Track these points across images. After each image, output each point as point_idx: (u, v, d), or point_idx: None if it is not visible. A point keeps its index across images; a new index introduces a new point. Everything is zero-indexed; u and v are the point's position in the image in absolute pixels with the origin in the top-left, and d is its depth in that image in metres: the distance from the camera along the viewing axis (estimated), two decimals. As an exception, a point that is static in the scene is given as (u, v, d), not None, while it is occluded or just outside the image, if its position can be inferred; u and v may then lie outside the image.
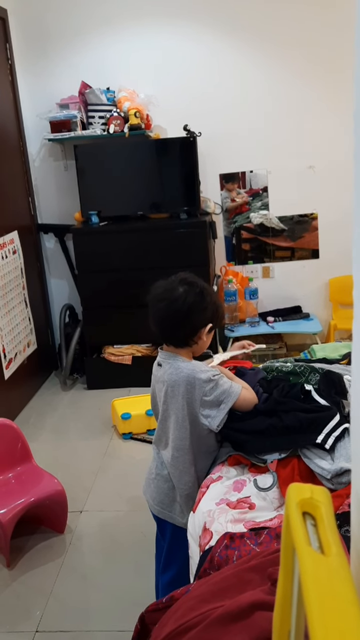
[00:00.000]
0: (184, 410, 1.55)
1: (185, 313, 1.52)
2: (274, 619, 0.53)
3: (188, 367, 1.55)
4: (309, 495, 0.49)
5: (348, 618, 0.40)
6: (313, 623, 0.40)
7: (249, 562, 1.00)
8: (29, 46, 3.65)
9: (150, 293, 1.58)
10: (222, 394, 1.54)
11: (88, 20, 3.59)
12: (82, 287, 3.69)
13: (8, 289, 3.34)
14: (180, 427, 1.57)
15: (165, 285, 1.56)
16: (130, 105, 3.46)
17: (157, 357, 1.65)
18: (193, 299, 1.52)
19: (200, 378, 1.53)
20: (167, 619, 0.97)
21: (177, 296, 1.52)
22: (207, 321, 1.56)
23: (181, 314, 1.52)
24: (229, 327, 3.74)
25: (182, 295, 1.52)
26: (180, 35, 3.57)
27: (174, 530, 1.64)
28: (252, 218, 3.86)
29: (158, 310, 1.54)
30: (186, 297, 1.51)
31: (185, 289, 1.53)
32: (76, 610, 1.98)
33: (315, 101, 3.61)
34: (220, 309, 1.66)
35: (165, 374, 1.58)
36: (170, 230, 3.48)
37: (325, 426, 1.47)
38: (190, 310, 1.51)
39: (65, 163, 3.83)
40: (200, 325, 1.55)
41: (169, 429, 1.61)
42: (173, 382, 1.56)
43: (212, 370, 1.58)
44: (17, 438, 2.42)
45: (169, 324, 1.55)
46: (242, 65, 3.60)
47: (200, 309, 1.53)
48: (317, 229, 3.85)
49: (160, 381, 1.62)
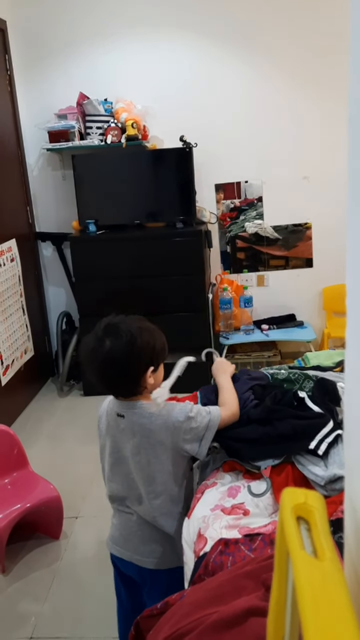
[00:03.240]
0: (166, 454, 1.47)
1: (120, 370, 1.40)
2: (268, 624, 0.53)
3: (160, 412, 1.45)
4: (303, 500, 0.50)
5: (342, 622, 0.40)
6: (307, 627, 0.40)
7: (244, 568, 1.01)
8: (28, 57, 3.68)
9: (81, 349, 1.47)
10: (202, 430, 1.48)
11: (86, 31, 3.63)
12: (79, 295, 3.70)
13: (6, 297, 3.35)
14: (166, 472, 1.48)
15: (91, 342, 1.40)
16: (128, 116, 3.49)
17: (113, 407, 1.50)
18: (121, 352, 1.38)
19: (178, 420, 1.45)
20: (161, 625, 0.98)
21: (105, 354, 1.38)
22: (145, 367, 1.42)
23: (116, 371, 1.40)
24: (224, 335, 3.76)
25: (110, 351, 1.37)
26: (178, 47, 3.61)
27: (156, 574, 1.54)
28: (247, 227, 3.89)
29: (94, 371, 1.41)
30: (114, 353, 1.37)
31: (112, 341, 1.38)
32: (71, 616, 1.98)
33: (309, 112, 3.65)
34: (160, 342, 1.47)
35: (134, 425, 1.45)
36: (166, 239, 3.50)
37: (318, 433, 1.48)
38: (122, 365, 1.39)
39: (63, 172, 3.85)
40: (139, 374, 1.42)
41: (144, 481, 1.48)
42: (148, 431, 1.44)
43: (184, 406, 1.49)
44: (13, 444, 2.43)
45: (108, 382, 1.44)
46: (238, 76, 3.64)
47: (133, 360, 1.40)
48: (311, 238, 3.88)
49: (125, 433, 1.48)
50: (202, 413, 1.50)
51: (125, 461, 1.51)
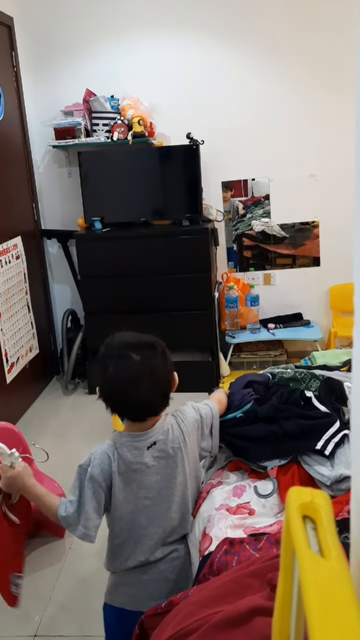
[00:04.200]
0: (194, 459, 1.46)
1: (168, 380, 1.37)
2: (274, 622, 0.53)
3: (182, 417, 1.45)
4: (309, 499, 0.49)
5: (348, 620, 0.40)
6: (313, 625, 0.40)
7: (249, 568, 1.00)
8: (34, 54, 3.68)
9: (114, 376, 1.32)
10: (210, 419, 1.52)
11: (93, 28, 3.63)
12: (84, 293, 3.71)
13: (11, 294, 3.35)
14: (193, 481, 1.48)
15: (128, 363, 1.32)
16: (134, 113, 3.48)
17: (129, 449, 1.37)
18: (163, 362, 1.36)
19: (195, 418, 1.48)
20: (166, 623, 0.97)
21: (153, 367, 1.33)
22: (173, 369, 1.40)
23: (167, 383, 1.37)
24: (230, 334, 3.75)
25: (156, 364, 1.34)
26: (185, 44, 3.60)
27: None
28: (254, 225, 3.88)
29: (146, 389, 1.32)
30: (158, 363, 1.34)
31: (151, 353, 1.34)
32: (75, 615, 1.98)
33: (317, 110, 3.63)
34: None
35: (173, 439, 1.40)
36: (172, 237, 3.49)
37: (325, 433, 1.47)
38: (167, 375, 1.37)
39: (69, 169, 3.85)
40: (172, 378, 1.40)
41: (182, 500, 1.44)
42: (186, 436, 1.42)
43: (190, 405, 1.51)
44: (18, 442, 2.42)
45: (160, 397, 1.37)
46: (246, 74, 3.62)
47: (171, 368, 1.39)
48: (318, 236, 3.86)
49: (158, 461, 1.39)
50: (201, 406, 1.53)
51: (165, 492, 1.41)
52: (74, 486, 1.39)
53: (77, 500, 1.36)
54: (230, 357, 3.75)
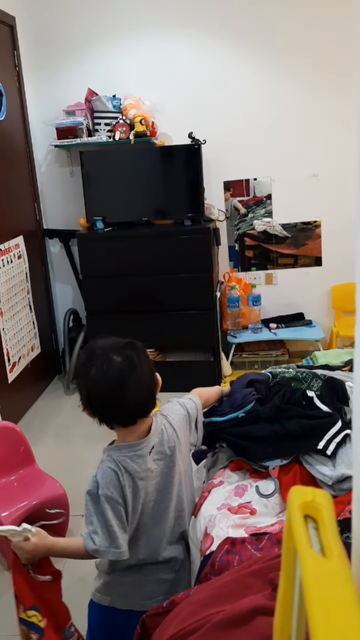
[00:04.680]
0: (187, 454, 1.48)
1: (153, 377, 1.37)
2: (275, 622, 0.53)
3: (168, 413, 1.46)
4: (311, 498, 0.49)
5: (349, 620, 0.40)
6: (314, 625, 0.40)
7: (250, 567, 1.01)
8: (36, 53, 3.68)
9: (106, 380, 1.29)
10: (195, 412, 1.52)
11: (95, 28, 3.63)
12: (86, 292, 3.71)
13: (13, 293, 3.36)
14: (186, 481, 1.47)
15: (112, 364, 1.28)
16: (136, 112, 3.48)
17: (133, 458, 1.34)
18: (146, 359, 1.36)
19: (181, 413, 1.48)
20: (167, 623, 0.97)
21: (139, 364, 1.32)
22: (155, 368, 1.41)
23: (153, 378, 1.37)
24: (232, 333, 3.75)
25: (141, 361, 1.32)
26: (186, 43, 3.60)
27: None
28: (256, 225, 3.88)
29: (135, 385, 1.29)
30: (142, 361, 1.33)
31: (133, 353, 1.32)
32: (76, 614, 1.98)
33: (319, 110, 3.63)
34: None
35: (169, 437, 1.41)
36: (174, 236, 3.49)
37: (326, 432, 1.47)
38: (151, 372, 1.37)
39: (71, 169, 3.86)
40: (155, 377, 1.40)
41: (187, 496, 1.48)
42: (178, 432, 1.44)
43: (174, 402, 1.52)
44: (20, 441, 2.43)
45: (148, 393, 1.35)
46: (248, 73, 3.62)
47: (152, 365, 1.39)
48: (320, 236, 3.86)
49: (158, 463, 1.39)
50: (186, 401, 1.54)
51: (164, 492, 1.41)
52: (89, 514, 1.38)
53: (99, 527, 1.35)
54: (232, 357, 3.75)
